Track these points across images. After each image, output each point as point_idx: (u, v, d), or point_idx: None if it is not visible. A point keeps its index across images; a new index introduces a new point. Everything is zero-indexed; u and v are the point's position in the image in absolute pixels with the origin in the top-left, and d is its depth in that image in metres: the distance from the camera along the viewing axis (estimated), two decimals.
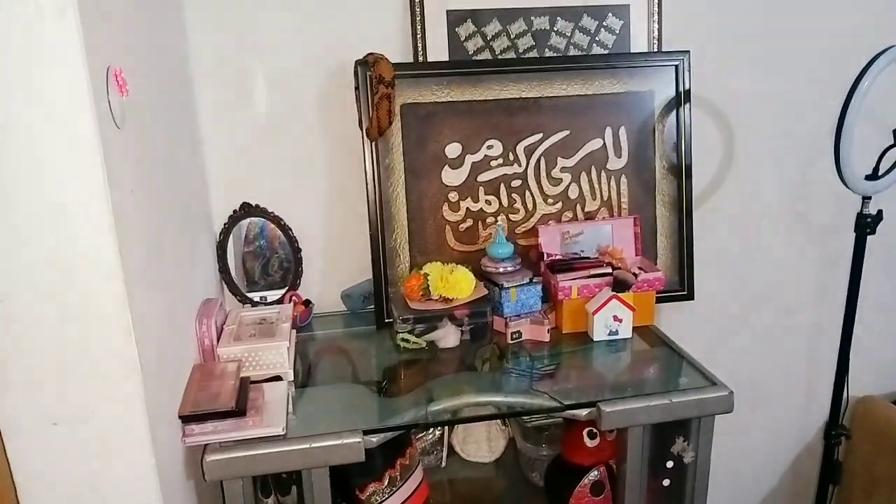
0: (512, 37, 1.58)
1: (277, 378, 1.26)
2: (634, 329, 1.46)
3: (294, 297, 1.52)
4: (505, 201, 1.59)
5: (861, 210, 1.59)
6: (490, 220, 1.58)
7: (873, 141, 1.48)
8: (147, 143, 1.08)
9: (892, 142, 1.53)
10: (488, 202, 1.58)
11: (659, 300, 1.57)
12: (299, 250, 1.55)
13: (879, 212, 1.58)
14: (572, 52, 1.61)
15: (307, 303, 1.53)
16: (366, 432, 1.13)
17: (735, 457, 1.90)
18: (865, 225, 1.59)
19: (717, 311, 1.82)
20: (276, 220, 1.53)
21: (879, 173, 1.54)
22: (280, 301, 1.52)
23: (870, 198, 1.58)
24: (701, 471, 1.33)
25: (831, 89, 1.47)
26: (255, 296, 1.53)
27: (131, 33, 1.06)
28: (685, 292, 1.65)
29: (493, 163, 1.57)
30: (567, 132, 1.59)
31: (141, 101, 1.05)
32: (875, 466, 1.84)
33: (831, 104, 1.42)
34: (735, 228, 1.80)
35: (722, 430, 1.30)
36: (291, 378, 1.28)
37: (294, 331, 1.41)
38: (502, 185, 1.58)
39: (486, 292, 1.46)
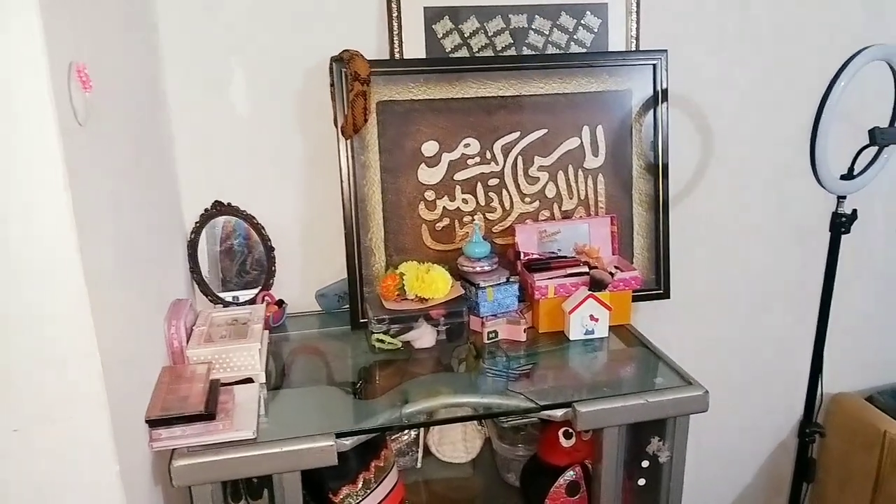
0: (490, 34, 1.57)
1: (249, 380, 1.24)
2: (611, 328, 1.46)
3: (267, 298, 1.50)
4: (482, 200, 1.58)
5: (836, 209, 1.59)
6: (467, 219, 1.57)
7: (850, 140, 1.49)
8: (113, 140, 1.05)
9: (867, 141, 1.54)
10: (465, 201, 1.57)
11: (635, 299, 1.57)
12: (272, 249, 1.52)
13: (854, 211, 1.59)
14: (550, 50, 1.60)
15: (280, 303, 1.51)
16: (339, 435, 1.11)
17: (710, 454, 1.91)
18: (840, 224, 1.60)
19: (693, 310, 1.83)
20: (249, 219, 1.50)
21: (854, 173, 1.55)
22: (252, 301, 1.50)
23: (845, 197, 1.59)
24: (676, 470, 1.33)
25: (808, 89, 1.48)
26: (228, 296, 1.50)
27: (97, 28, 1.03)
28: (662, 291, 1.65)
29: (470, 161, 1.56)
30: (544, 131, 1.58)
31: (107, 98, 1.02)
32: (849, 462, 1.86)
33: (808, 103, 1.43)
34: (712, 227, 1.80)
35: (697, 429, 1.30)
36: (263, 380, 1.26)
37: (267, 331, 1.38)
38: (479, 183, 1.57)
39: (463, 292, 1.45)
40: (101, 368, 0.88)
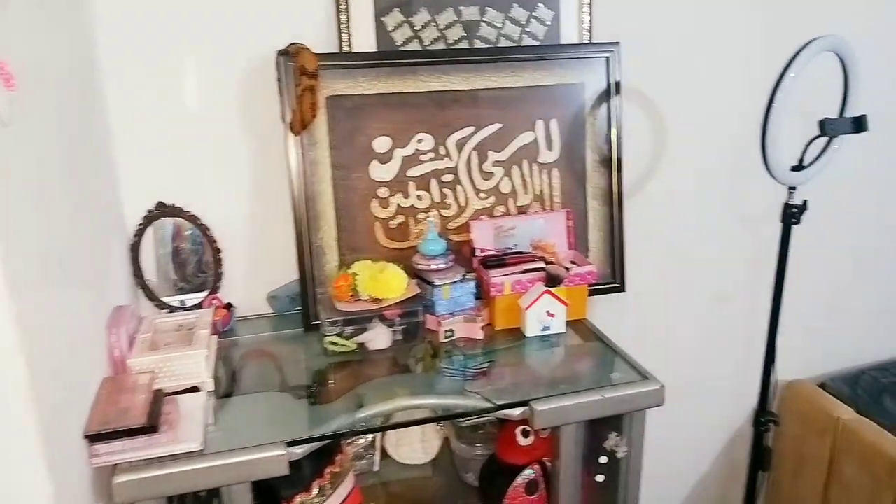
0: (441, 27, 1.54)
1: (196, 389, 1.20)
2: (568, 323, 1.45)
3: (215, 301, 1.45)
4: (436, 196, 1.55)
5: (787, 200, 1.61)
6: (421, 216, 1.54)
7: (803, 132, 1.50)
8: (42, 141, 0.99)
9: (818, 132, 1.55)
10: (419, 198, 1.54)
11: (592, 293, 1.56)
12: (219, 251, 1.47)
13: (805, 202, 1.61)
14: (503, 43, 1.58)
15: (229, 306, 1.46)
16: (290, 443, 1.08)
17: (668, 446, 1.91)
18: (791, 215, 1.61)
19: (649, 302, 1.83)
20: (194, 220, 1.45)
21: (804, 164, 1.56)
22: (200, 306, 1.45)
23: (795, 188, 1.60)
24: (634, 464, 1.33)
25: (760, 80, 1.48)
26: (174, 300, 1.45)
27: (23, 22, 0.97)
28: (617, 284, 1.65)
29: (424, 157, 1.53)
30: (499, 125, 1.56)
31: (35, 97, 0.96)
32: (803, 448, 1.89)
33: (760, 95, 1.43)
34: (666, 220, 1.81)
35: (654, 421, 1.30)
36: (211, 388, 1.22)
37: (215, 337, 1.34)
38: (433, 179, 1.54)
39: (419, 291, 1.42)
40: (29, 381, 0.83)
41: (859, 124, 1.53)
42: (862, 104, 1.52)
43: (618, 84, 1.60)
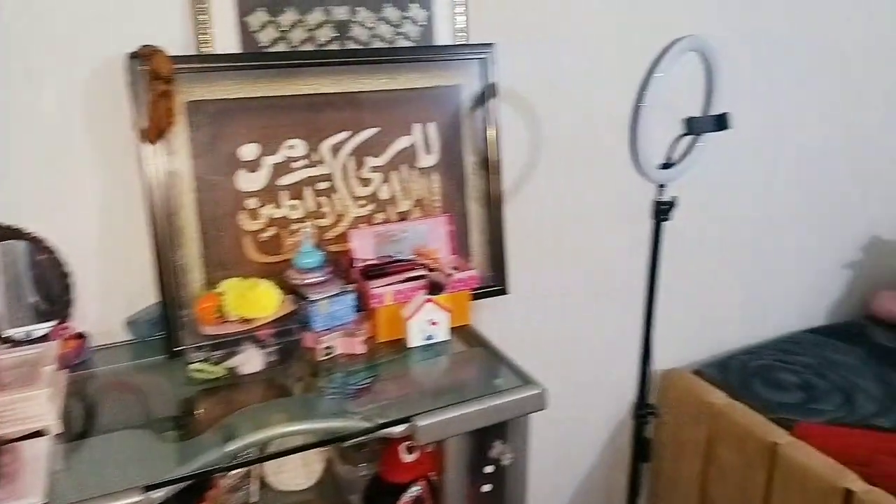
0: (310, 28, 1.47)
1: (40, 433, 1.07)
2: (452, 330, 1.43)
3: (64, 331, 1.31)
4: (311, 205, 1.48)
5: (656, 198, 1.65)
6: (295, 227, 1.47)
7: (674, 130, 1.54)
8: None
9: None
10: (293, 207, 1.46)
11: (476, 297, 1.55)
12: (68, 275, 1.34)
13: (674, 199, 1.66)
14: (377, 44, 1.53)
15: (81, 335, 1.33)
16: (148, 487, 0.99)
17: (552, 444, 1.95)
18: (661, 212, 1.66)
19: (531, 303, 1.84)
20: (37, 242, 1.30)
21: (672, 162, 1.61)
22: (48, 337, 1.30)
23: (665, 185, 1.65)
24: (519, 471, 1.33)
25: (633, 80, 1.51)
26: (19, 333, 1.30)
27: None
28: (500, 287, 1.65)
29: (296, 164, 1.46)
30: (375, 129, 1.51)
31: None
32: (681, 435, 1.97)
33: (633, 94, 1.46)
34: (546, 220, 1.82)
35: (538, 419, 1.30)
36: (58, 431, 1.09)
37: (65, 371, 1.21)
38: (307, 188, 1.47)
39: (294, 307, 1.35)
40: None
41: (722, 122, 1.59)
42: (726, 102, 1.57)
43: (494, 86, 1.58)
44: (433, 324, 1.40)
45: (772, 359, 2.07)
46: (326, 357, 1.35)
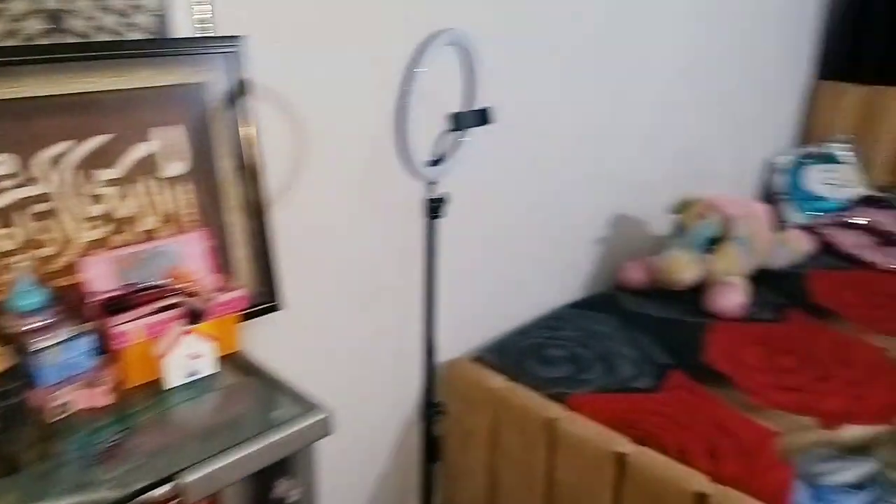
0: (15, 17, 1.19)
1: None
2: (220, 361, 1.29)
3: None
4: (28, 233, 1.23)
5: (427, 195, 1.64)
6: (8, 261, 1.20)
7: (441, 126, 1.52)
8: None
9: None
10: (3, 238, 1.20)
11: (246, 317, 1.42)
12: None
13: (445, 195, 1.66)
14: (102, 37, 1.29)
15: None
16: None
17: (339, 462, 1.85)
18: (433, 209, 1.65)
19: (307, 316, 1.71)
20: None
21: (440, 158, 1.60)
22: None
23: (435, 182, 1.64)
24: (309, 502, 1.24)
25: (398, 75, 1.46)
26: None
27: None
28: (273, 304, 1.53)
29: (5, 184, 1.20)
30: (107, 136, 1.30)
31: None
32: (466, 421, 2.01)
33: (397, 91, 1.41)
34: (318, 226, 1.71)
35: (323, 441, 1.22)
36: None
37: None
38: (20, 212, 1.21)
39: (13, 361, 1.11)
40: None
41: (484, 117, 1.61)
42: (489, 96, 1.59)
43: (247, 83, 1.44)
44: (195, 357, 1.25)
45: (541, 336, 2.18)
46: (62, 416, 1.13)
